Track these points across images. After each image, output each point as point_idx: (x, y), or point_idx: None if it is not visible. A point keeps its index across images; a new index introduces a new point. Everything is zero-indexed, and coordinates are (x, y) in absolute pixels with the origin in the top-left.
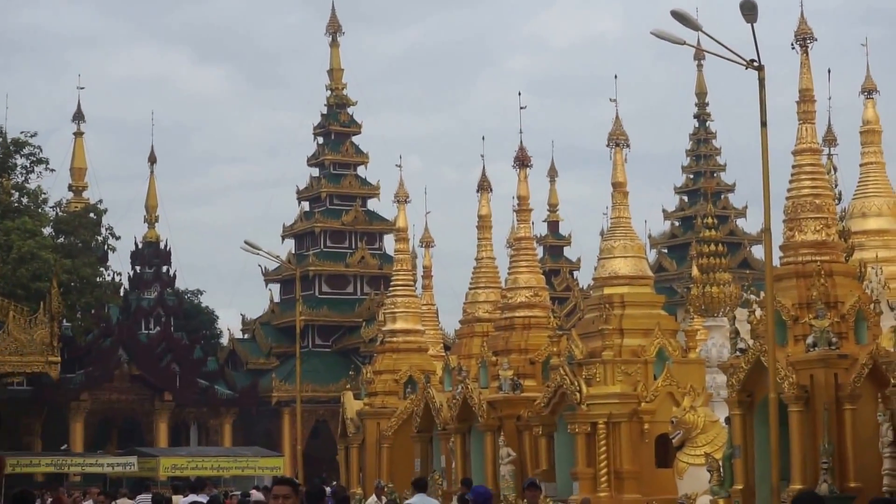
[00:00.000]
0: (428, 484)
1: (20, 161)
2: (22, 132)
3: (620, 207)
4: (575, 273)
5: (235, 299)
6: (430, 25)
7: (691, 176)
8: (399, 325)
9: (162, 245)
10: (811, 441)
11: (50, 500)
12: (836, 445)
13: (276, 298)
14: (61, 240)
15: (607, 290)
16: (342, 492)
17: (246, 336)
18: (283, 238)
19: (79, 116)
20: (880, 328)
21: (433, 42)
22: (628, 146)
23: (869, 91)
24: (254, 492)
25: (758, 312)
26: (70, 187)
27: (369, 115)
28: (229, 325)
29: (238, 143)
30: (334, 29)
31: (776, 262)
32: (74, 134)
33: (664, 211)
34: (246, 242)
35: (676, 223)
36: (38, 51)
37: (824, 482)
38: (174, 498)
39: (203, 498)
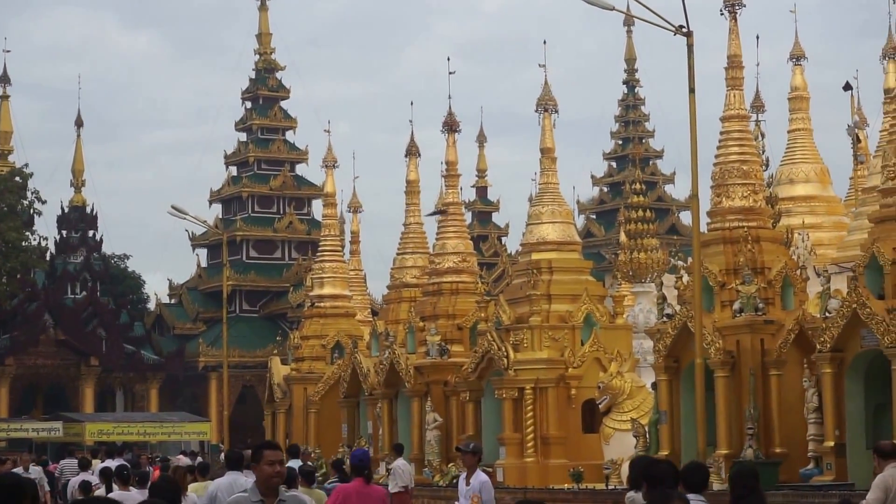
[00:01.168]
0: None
1: None
2: None
3: (549, 173)
4: (503, 239)
5: (162, 264)
6: None
7: (620, 142)
8: (327, 291)
9: (88, 209)
10: (737, 406)
11: None
12: (761, 411)
13: (204, 263)
14: None
15: (535, 256)
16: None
17: (173, 301)
18: (211, 203)
19: (4, 80)
20: (807, 294)
21: (363, 6)
22: (557, 112)
23: (797, 58)
24: (180, 457)
25: (685, 278)
26: None
27: (298, 79)
28: (156, 289)
29: (166, 108)
30: None
31: (704, 228)
32: (0, 97)
33: (593, 177)
34: (173, 207)
35: (605, 189)
36: None
37: (749, 447)
38: (93, 462)
39: (92, 477)
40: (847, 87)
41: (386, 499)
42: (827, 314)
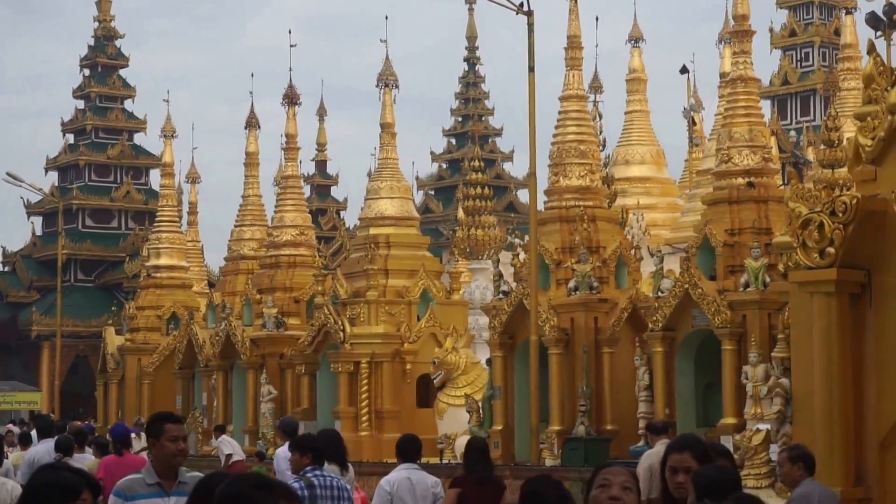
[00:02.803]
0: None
1: None
2: None
3: (388, 148)
4: (342, 213)
5: None
6: None
7: (460, 119)
8: (163, 261)
9: None
10: (570, 383)
11: None
12: (593, 388)
13: (39, 231)
14: None
15: (373, 231)
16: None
17: (6, 269)
18: (47, 170)
19: None
20: (640, 273)
21: None
22: (398, 88)
23: (636, 39)
24: (10, 426)
25: (521, 256)
26: None
27: (138, 48)
28: None
29: (1, 73)
30: None
31: (541, 206)
32: None
33: (432, 153)
34: (8, 174)
35: (444, 165)
36: None
37: (581, 424)
38: None
39: None
40: (684, 70)
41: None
42: (659, 294)
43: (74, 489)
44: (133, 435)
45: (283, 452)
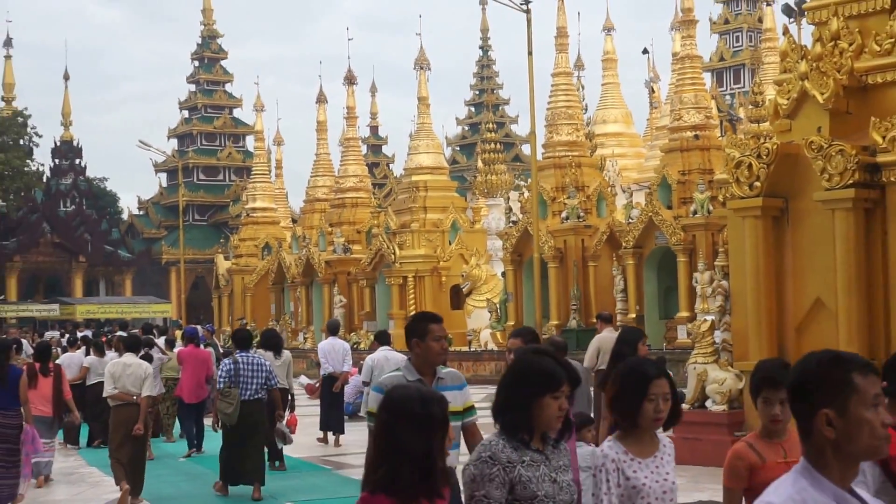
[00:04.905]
0: (390, 337)
1: None
2: None
3: (424, 115)
4: (391, 165)
5: (133, 185)
6: None
7: (477, 92)
8: (258, 204)
9: (75, 143)
10: (564, 289)
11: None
12: (582, 292)
13: (164, 184)
14: None
15: (414, 178)
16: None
17: (141, 213)
18: (169, 138)
19: (7, 44)
20: (615, 206)
21: None
22: (430, 69)
23: (608, 29)
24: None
25: (525, 194)
26: (2, 98)
27: (234, 44)
28: (128, 204)
29: (134, 65)
30: None
31: (539, 156)
32: (4, 57)
33: (457, 119)
34: (140, 141)
35: (466, 128)
36: None
37: (574, 319)
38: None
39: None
40: (645, 51)
41: (210, 358)
42: (630, 220)
43: (559, 380)
44: (203, 331)
45: (324, 345)
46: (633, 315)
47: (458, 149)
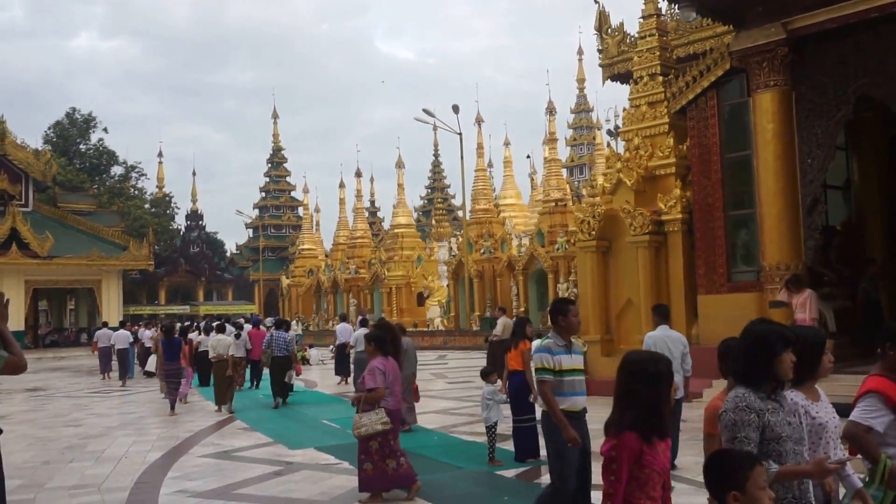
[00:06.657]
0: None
1: (118, 170)
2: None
3: (401, 194)
4: (382, 223)
5: (234, 235)
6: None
7: (432, 180)
8: (306, 246)
9: (199, 212)
10: (482, 294)
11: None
12: (493, 296)
13: (251, 235)
14: (153, 209)
15: (395, 231)
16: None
17: (238, 252)
18: (254, 208)
19: (160, 154)
20: (512, 245)
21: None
22: (405, 167)
23: (507, 143)
24: (240, 320)
25: (460, 239)
26: (157, 186)
27: (292, 152)
28: (230, 247)
29: (234, 165)
30: (274, 115)
31: (468, 217)
32: (158, 163)
33: (420, 196)
34: (237, 210)
35: (426, 201)
36: None
37: (487, 311)
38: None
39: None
40: (528, 156)
41: (264, 335)
42: (520, 254)
43: (790, 339)
44: (260, 320)
45: (338, 327)
46: (522, 309)
47: (421, 213)
